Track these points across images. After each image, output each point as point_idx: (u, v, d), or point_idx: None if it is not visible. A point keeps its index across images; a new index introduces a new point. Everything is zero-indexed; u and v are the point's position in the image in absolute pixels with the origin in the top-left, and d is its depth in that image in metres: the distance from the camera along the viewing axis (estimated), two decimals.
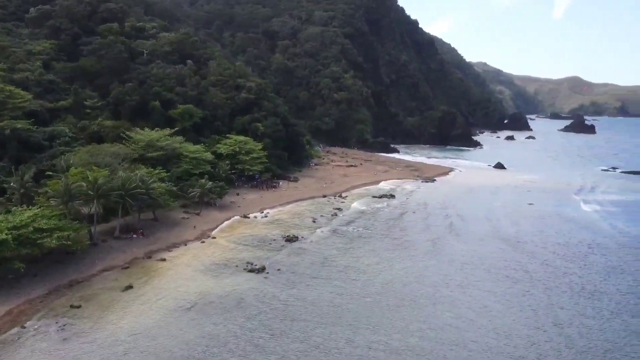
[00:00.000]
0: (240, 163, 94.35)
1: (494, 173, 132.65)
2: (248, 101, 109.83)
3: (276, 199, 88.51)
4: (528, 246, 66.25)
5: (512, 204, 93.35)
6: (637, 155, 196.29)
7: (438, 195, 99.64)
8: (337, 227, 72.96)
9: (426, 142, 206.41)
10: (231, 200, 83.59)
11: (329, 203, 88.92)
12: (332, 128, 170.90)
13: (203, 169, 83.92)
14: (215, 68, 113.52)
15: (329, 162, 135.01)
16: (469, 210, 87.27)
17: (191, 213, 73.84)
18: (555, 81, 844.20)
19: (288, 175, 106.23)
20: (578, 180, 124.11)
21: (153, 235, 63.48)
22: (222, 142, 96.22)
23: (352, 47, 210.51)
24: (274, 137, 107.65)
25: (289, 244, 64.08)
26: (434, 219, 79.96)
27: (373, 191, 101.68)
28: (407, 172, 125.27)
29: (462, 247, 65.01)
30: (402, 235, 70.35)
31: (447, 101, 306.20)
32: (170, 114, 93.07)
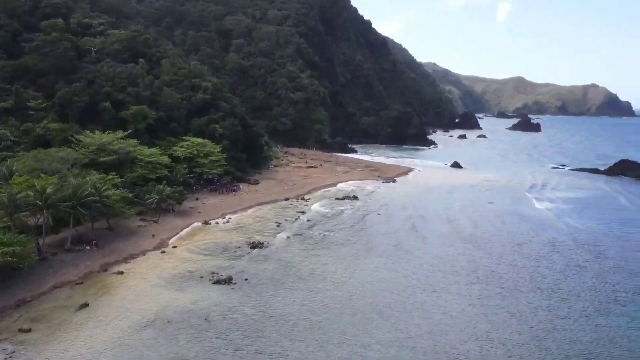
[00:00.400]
0: (198, 166, 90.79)
1: (451, 172, 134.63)
2: (205, 102, 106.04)
3: (237, 203, 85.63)
4: (493, 247, 66.71)
5: (473, 203, 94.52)
6: (580, 153, 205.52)
7: (399, 196, 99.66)
8: (301, 231, 71.10)
9: (383, 142, 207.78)
10: (190, 205, 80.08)
11: (292, 206, 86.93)
12: (290, 128, 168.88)
13: (160, 174, 79.98)
14: (169, 67, 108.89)
15: (288, 163, 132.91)
16: (431, 210, 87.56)
17: (148, 221, 69.98)
18: (500, 81, 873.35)
19: (248, 178, 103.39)
20: (531, 178, 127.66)
21: (108, 246, 59.47)
22: (178, 145, 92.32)
23: (307, 46, 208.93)
24: (233, 139, 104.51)
25: (254, 250, 61.66)
26: (397, 221, 79.51)
27: (335, 192, 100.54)
28: (367, 173, 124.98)
29: (429, 250, 64.68)
30: (367, 238, 69.30)
31: (401, 101, 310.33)
32: (122, 116, 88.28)
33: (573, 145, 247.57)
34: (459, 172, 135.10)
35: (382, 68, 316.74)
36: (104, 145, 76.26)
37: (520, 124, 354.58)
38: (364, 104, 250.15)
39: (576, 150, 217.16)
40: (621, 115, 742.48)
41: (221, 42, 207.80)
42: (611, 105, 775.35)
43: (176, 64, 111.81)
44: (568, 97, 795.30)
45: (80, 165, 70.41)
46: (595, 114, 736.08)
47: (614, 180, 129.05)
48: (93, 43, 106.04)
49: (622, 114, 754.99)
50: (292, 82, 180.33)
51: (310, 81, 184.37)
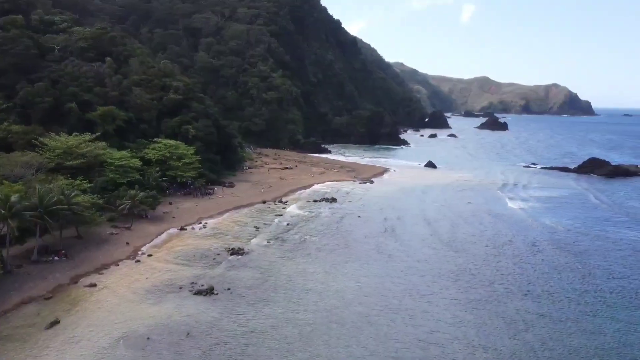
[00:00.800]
0: (171, 169, 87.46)
1: (426, 172, 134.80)
2: (176, 102, 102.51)
3: (213, 207, 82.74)
4: (476, 249, 65.96)
5: (450, 204, 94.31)
6: (546, 151, 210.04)
7: (377, 197, 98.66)
8: (281, 235, 68.99)
9: (355, 142, 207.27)
10: (164, 210, 76.79)
11: (270, 209, 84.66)
12: (263, 129, 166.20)
13: (131, 178, 76.48)
14: (138, 66, 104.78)
15: (262, 164, 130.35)
16: (410, 212, 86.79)
17: (121, 228, 66.52)
18: (466, 81, 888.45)
19: (223, 181, 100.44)
20: (504, 177, 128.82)
21: (78, 256, 55.94)
22: (150, 147, 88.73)
23: (278, 45, 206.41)
24: (206, 141, 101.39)
25: (234, 257, 59.21)
26: (377, 223, 78.27)
27: (312, 194, 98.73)
28: (343, 173, 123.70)
29: (411, 254, 63.59)
30: (348, 242, 67.63)
31: (371, 100, 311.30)
32: (89, 117, 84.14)
33: (539, 143, 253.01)
34: (434, 172, 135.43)
35: (352, 68, 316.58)
36: (71, 149, 72.26)
37: (488, 123, 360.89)
38: (336, 104, 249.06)
39: (543, 149, 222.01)
40: (581, 114, 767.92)
41: (189, 40, 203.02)
42: (572, 104, 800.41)
43: (145, 63, 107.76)
44: (531, 96, 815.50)
45: (45, 170, 66.41)
46: (557, 113, 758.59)
47: (583, 178, 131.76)
48: (56, 41, 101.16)
49: (582, 113, 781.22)
50: (264, 81, 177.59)
51: (282, 81, 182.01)
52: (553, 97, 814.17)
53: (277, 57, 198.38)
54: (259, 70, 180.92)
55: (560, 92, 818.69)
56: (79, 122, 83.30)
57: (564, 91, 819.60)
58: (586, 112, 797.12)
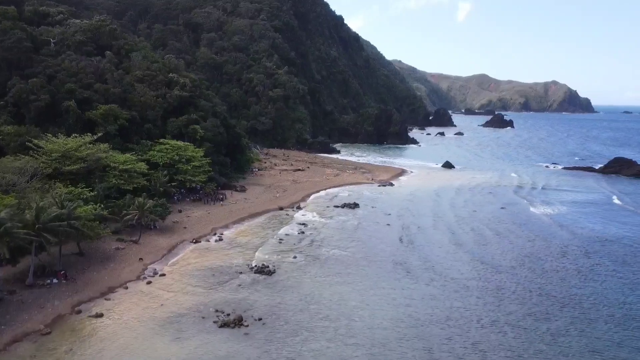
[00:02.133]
0: (179, 173, 79.71)
1: (446, 173, 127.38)
2: (182, 100, 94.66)
3: (227, 215, 75.09)
4: (544, 265, 58.61)
5: (486, 209, 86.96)
6: (563, 150, 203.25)
7: (402, 202, 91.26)
8: (307, 249, 61.42)
9: (363, 141, 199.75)
10: (174, 219, 69.11)
11: (288, 217, 77.04)
12: (269, 128, 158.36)
13: (137, 184, 68.75)
14: (140, 61, 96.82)
15: (271, 166, 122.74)
16: (444, 220, 79.30)
17: (127, 241, 58.85)
18: (465, 79, 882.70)
19: (234, 185, 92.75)
20: (530, 179, 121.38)
21: (80, 277, 48.30)
22: (156, 149, 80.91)
23: (283, 41, 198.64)
24: (215, 141, 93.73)
25: (260, 276, 51.64)
26: (411, 233, 70.90)
27: (331, 199, 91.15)
28: (359, 175, 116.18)
29: (461, 270, 56.27)
30: (384, 257, 60.10)
31: (375, 98, 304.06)
32: (89, 117, 76.19)
33: (550, 141, 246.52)
34: (453, 173, 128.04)
35: (355, 64, 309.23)
36: (69, 152, 64.38)
37: (493, 121, 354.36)
38: (341, 102, 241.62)
39: (557, 147, 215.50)
40: (581, 111, 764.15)
41: (190, 36, 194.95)
42: (571, 101, 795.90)
43: (148, 57, 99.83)
44: (530, 94, 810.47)
45: (41, 177, 58.58)
46: (556, 110, 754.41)
47: (610, 179, 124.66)
48: (51, 33, 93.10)
49: (582, 110, 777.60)
50: (270, 78, 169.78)
51: (288, 77, 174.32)
52: (552, 94, 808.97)
53: (281, 53, 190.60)
54: (264, 66, 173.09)
55: (560, 89, 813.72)
56: (78, 122, 75.46)
57: (563, 88, 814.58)
58: (586, 110, 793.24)
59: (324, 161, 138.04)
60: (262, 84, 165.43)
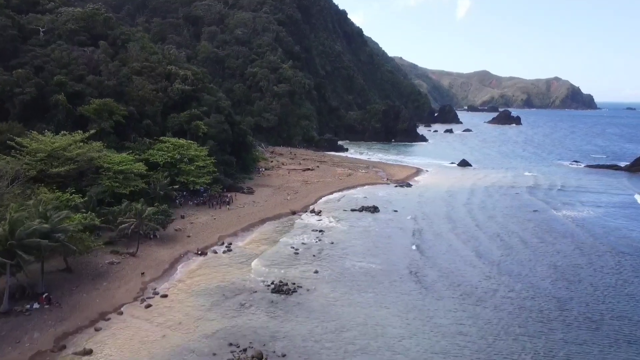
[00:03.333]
0: (181, 174, 72.06)
1: (463, 172, 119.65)
2: (184, 94, 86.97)
3: (235, 220, 67.48)
4: (593, 283, 51.37)
5: (516, 212, 79.50)
6: (578, 146, 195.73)
7: (423, 204, 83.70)
8: (331, 262, 53.84)
9: (370, 138, 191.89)
10: (176, 227, 61.46)
11: (304, 223, 69.40)
12: (274, 125, 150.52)
13: (134, 187, 61.10)
14: (138, 52, 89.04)
15: (278, 165, 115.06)
16: (473, 225, 71.79)
17: (123, 254, 51.24)
18: (466, 75, 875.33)
19: (241, 186, 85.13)
20: (556, 178, 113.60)
21: (67, 301, 40.73)
22: (155, 148, 73.24)
23: (287, 34, 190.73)
24: (220, 139, 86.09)
25: (278, 297, 44.12)
26: (441, 242, 63.35)
27: (348, 201, 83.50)
28: (373, 175, 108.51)
29: (511, 286, 48.82)
30: (423, 270, 52.44)
31: (380, 94, 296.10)
32: (81, 112, 68.52)
33: (563, 138, 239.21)
34: (471, 172, 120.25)
35: (359, 60, 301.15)
36: (57, 151, 56.73)
37: (500, 118, 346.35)
38: (346, 98, 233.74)
39: (572, 144, 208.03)
40: (584, 108, 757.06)
41: (191, 30, 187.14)
42: (574, 98, 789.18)
43: (147, 48, 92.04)
44: (532, 90, 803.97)
45: (24, 181, 50.96)
46: (559, 107, 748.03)
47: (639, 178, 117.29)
48: (41, 22, 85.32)
49: (585, 107, 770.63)
50: (274, 73, 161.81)
51: (293, 72, 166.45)
52: (555, 90, 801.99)
53: (286, 47, 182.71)
54: (268, 60, 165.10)
55: (562, 85, 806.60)
56: (68, 118, 67.88)
57: (565, 85, 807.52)
58: (589, 106, 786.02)
59: (334, 160, 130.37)
60: (266, 79, 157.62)
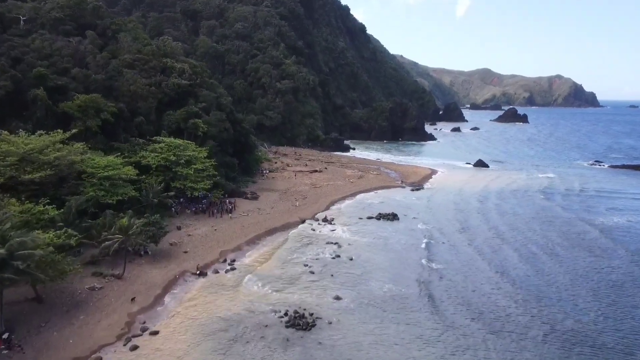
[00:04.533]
0: (178, 179, 63.95)
1: (481, 173, 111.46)
2: (181, 89, 78.80)
3: (238, 232, 59.41)
4: None
5: (553, 220, 71.50)
6: (592, 145, 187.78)
7: (447, 210, 75.69)
8: (353, 284, 45.70)
9: (376, 137, 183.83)
10: (171, 240, 53.37)
11: (316, 234, 61.26)
12: (278, 123, 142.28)
13: (122, 195, 53.00)
14: (131, 43, 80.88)
15: (283, 166, 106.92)
16: (510, 235, 63.83)
17: (107, 276, 43.17)
18: (467, 73, 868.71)
19: (244, 191, 77.05)
20: (583, 180, 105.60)
21: (33, 342, 32.71)
22: (149, 149, 65.09)
23: (289, 29, 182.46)
24: (220, 139, 78.01)
25: (294, 332, 36.12)
26: (476, 258, 55.40)
27: (363, 207, 75.38)
28: (386, 178, 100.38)
29: (575, 314, 40.90)
30: (468, 295, 44.39)
31: (384, 92, 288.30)
32: (63, 109, 60.31)
33: (575, 136, 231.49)
34: (488, 174, 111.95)
35: (362, 57, 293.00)
36: (32, 154, 48.52)
37: (506, 116, 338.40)
38: (350, 96, 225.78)
39: (587, 142, 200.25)
40: (586, 106, 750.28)
41: (189, 24, 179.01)
42: (577, 96, 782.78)
43: (140, 39, 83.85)
44: (535, 88, 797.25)
45: None
46: (561, 105, 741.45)
47: None
48: (22, 10, 77.16)
49: (588, 105, 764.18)
50: (277, 69, 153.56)
51: (297, 68, 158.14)
52: (557, 88, 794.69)
53: (288, 41, 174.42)
54: (271, 55, 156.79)
55: (565, 83, 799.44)
56: (49, 116, 59.73)
57: (568, 83, 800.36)
58: (591, 104, 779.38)
59: (342, 160, 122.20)
60: (268, 75, 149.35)
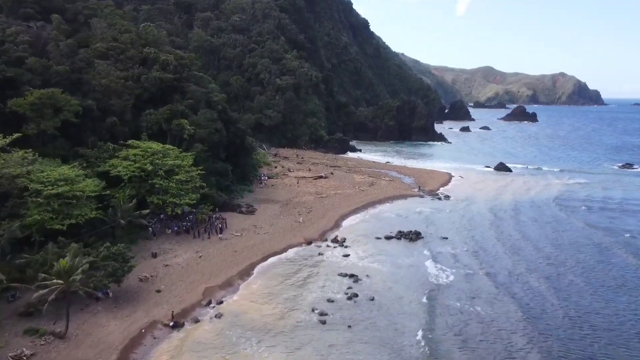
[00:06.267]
0: (156, 193, 52.35)
1: (506, 179, 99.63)
2: (164, 84, 67.06)
3: (229, 258, 47.84)
4: None
5: (602, 240, 59.97)
6: (609, 144, 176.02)
7: (479, 227, 64.00)
8: (380, 341, 34.25)
9: (383, 137, 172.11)
10: (141, 274, 41.84)
11: (325, 260, 49.62)
12: (278, 123, 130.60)
13: (79, 217, 41.40)
14: (105, 30, 69.19)
15: (284, 171, 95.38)
16: (563, 261, 52.36)
17: (46, 335, 31.62)
18: (469, 71, 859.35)
19: (238, 204, 65.43)
20: (625, 188, 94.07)
21: None
22: (120, 156, 53.46)
23: (290, 22, 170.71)
24: (211, 142, 66.33)
25: None
26: (532, 295, 44.01)
27: (379, 223, 63.62)
28: (400, 185, 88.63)
29: None
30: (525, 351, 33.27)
31: (388, 89, 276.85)
32: (11, 107, 48.69)
33: (588, 135, 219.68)
34: (515, 179, 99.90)
35: (365, 53, 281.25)
36: None
37: (515, 114, 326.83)
38: (354, 93, 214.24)
39: (602, 142, 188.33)
40: (591, 104, 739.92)
41: (183, 17, 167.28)
42: (581, 93, 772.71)
43: (117, 26, 72.10)
44: (538, 86, 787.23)
45: None
46: (565, 103, 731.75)
47: None
48: None
49: (592, 103, 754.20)
50: (277, 64, 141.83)
51: (299, 63, 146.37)
52: (560, 86, 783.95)
53: (289, 35, 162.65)
54: (270, 49, 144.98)
55: (568, 81, 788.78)
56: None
57: (572, 80, 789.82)
58: (596, 102, 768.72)
59: (348, 164, 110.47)
60: (267, 71, 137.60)
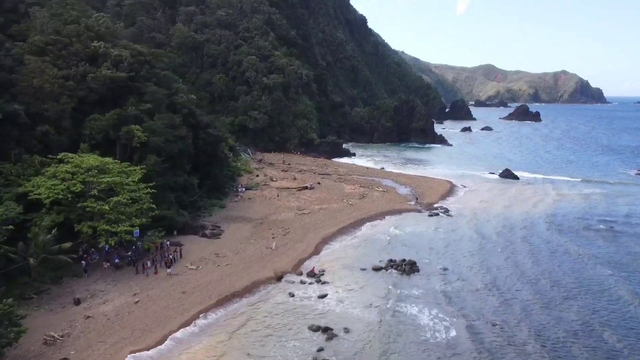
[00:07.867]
0: (87, 219, 42.43)
1: (514, 188, 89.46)
2: (116, 84, 57.19)
3: (174, 303, 37.92)
4: None
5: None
6: (624, 145, 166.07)
7: (488, 252, 54.15)
8: None
9: (380, 139, 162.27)
10: (49, 333, 31.97)
11: (296, 303, 39.82)
12: (264, 125, 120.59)
13: None
14: (47, 21, 59.27)
15: (266, 180, 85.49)
16: (599, 305, 42.51)
17: None
18: (470, 69, 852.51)
19: (202, 225, 55.49)
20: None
21: None
22: (47, 173, 43.55)
23: (281, 17, 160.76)
24: (169, 152, 56.39)
25: None
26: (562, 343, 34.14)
27: (366, 248, 53.77)
28: (394, 197, 78.62)
29: None
30: None
31: (386, 88, 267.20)
32: None
33: (597, 136, 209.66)
34: (523, 188, 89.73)
35: (363, 51, 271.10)
36: None
37: (517, 113, 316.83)
38: (350, 92, 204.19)
39: (615, 144, 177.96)
40: (593, 102, 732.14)
41: (167, 12, 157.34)
42: (583, 92, 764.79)
43: (61, 17, 62.13)
44: (540, 84, 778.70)
45: None
46: (567, 101, 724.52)
47: None
48: None
49: (595, 101, 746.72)
50: (265, 61, 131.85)
51: (288, 60, 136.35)
52: (562, 84, 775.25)
53: (279, 31, 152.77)
54: (257, 46, 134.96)
55: (570, 79, 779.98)
56: None
57: (574, 78, 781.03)
58: (598, 100, 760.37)
59: (339, 171, 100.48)
60: (254, 69, 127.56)
